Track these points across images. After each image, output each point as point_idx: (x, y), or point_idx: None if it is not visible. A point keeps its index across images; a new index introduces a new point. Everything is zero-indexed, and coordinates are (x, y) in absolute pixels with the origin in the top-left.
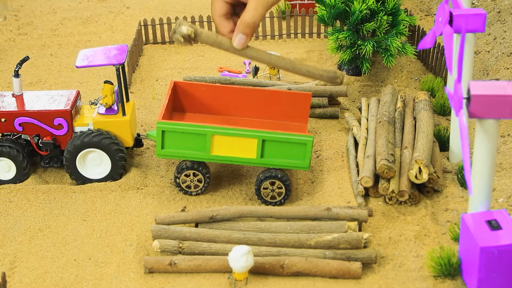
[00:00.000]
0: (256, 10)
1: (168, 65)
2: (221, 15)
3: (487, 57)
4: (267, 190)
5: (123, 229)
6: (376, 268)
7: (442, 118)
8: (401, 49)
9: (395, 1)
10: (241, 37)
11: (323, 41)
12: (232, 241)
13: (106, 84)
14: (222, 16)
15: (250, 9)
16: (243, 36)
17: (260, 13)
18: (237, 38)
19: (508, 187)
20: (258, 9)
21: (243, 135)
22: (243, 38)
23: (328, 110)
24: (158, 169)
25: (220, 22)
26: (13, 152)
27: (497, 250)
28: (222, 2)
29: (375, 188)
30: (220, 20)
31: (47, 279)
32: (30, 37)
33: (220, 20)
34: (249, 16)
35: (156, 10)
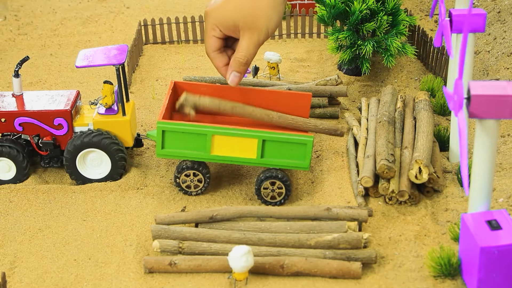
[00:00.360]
0: (248, 49)
1: (168, 65)
2: (214, 50)
3: (487, 57)
4: (267, 190)
5: (123, 229)
6: (376, 268)
7: (442, 118)
8: (401, 49)
9: (395, 1)
10: (235, 75)
11: (323, 41)
12: (232, 241)
13: (105, 84)
14: (215, 51)
15: (242, 49)
16: (237, 74)
17: (252, 52)
18: (231, 76)
19: (508, 187)
20: (250, 48)
21: (243, 135)
22: (237, 76)
23: (328, 110)
24: (158, 169)
25: (215, 57)
26: (13, 152)
27: (497, 250)
28: (214, 38)
29: (375, 188)
30: (214, 55)
31: (47, 279)
32: (30, 37)
33: (214, 55)
34: (242, 56)
35: (156, 10)
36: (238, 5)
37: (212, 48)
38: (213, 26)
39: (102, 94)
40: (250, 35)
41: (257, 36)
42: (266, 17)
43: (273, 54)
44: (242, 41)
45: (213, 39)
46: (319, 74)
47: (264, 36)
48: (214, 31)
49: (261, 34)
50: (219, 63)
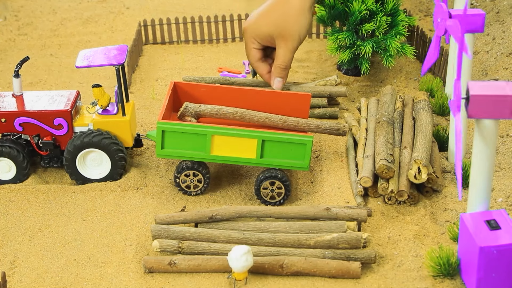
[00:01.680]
0: (285, 56)
1: (167, 66)
2: (257, 60)
3: (486, 57)
4: (266, 190)
5: (123, 229)
6: (376, 267)
7: (441, 118)
8: (400, 50)
9: (394, 2)
10: (278, 80)
11: (323, 41)
12: (231, 241)
13: (94, 88)
14: (258, 61)
15: (280, 56)
16: (280, 79)
17: (289, 57)
18: (275, 82)
19: (507, 187)
20: (286, 55)
21: (243, 135)
22: (280, 81)
23: (328, 110)
24: (158, 169)
25: (258, 66)
26: (13, 152)
27: (496, 250)
28: (255, 50)
29: (374, 188)
30: (257, 64)
31: (47, 278)
32: (30, 37)
33: (257, 65)
34: (281, 62)
35: (156, 11)
36: (271, 18)
37: (254, 58)
38: (252, 40)
39: (95, 98)
40: (285, 43)
41: (291, 43)
42: (297, 26)
43: None
44: (279, 50)
45: (253, 51)
46: (319, 74)
47: (297, 43)
48: (253, 44)
49: (295, 41)
50: (262, 71)
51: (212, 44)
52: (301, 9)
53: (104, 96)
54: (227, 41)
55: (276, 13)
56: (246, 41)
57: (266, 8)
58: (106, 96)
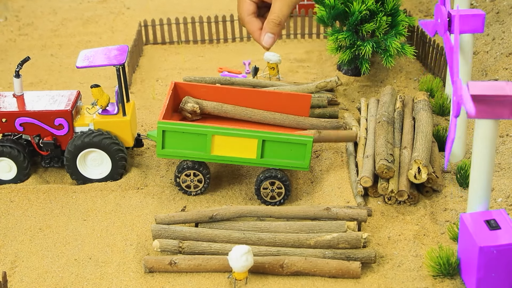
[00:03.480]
0: (281, 10)
1: (168, 66)
2: (249, 14)
3: (486, 57)
4: (267, 190)
5: (123, 229)
6: (376, 267)
7: (441, 118)
8: (400, 50)
9: (394, 2)
10: (269, 36)
11: (323, 41)
12: (232, 241)
13: (93, 88)
14: (250, 14)
15: (275, 9)
16: (271, 35)
17: (285, 12)
18: (265, 37)
19: (507, 187)
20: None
21: (243, 135)
22: (271, 37)
23: (328, 110)
24: (158, 169)
25: (249, 20)
26: (14, 152)
27: (496, 250)
28: (249, 2)
29: (374, 188)
30: (249, 18)
31: (48, 278)
32: (30, 37)
33: (249, 19)
34: (275, 16)
35: (156, 11)
36: None
37: (247, 11)
38: None
39: (94, 98)
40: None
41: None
42: None
43: (272, 55)
44: (275, 3)
45: (247, 3)
46: (319, 74)
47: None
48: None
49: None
50: (253, 27)
51: (213, 44)
52: None
53: (103, 96)
54: (227, 41)
55: None
56: None
57: None
58: (105, 96)
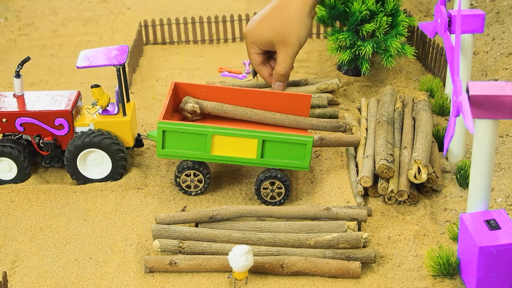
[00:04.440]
0: (285, 62)
1: (168, 66)
2: (259, 64)
3: (485, 57)
4: (267, 190)
5: (123, 229)
6: (376, 267)
7: (441, 118)
8: (400, 50)
9: (394, 2)
10: (279, 84)
11: (323, 41)
12: (232, 241)
13: (93, 88)
14: (259, 65)
15: (279, 62)
16: (280, 84)
17: (289, 63)
18: (276, 86)
19: (507, 187)
20: (286, 61)
21: (244, 135)
22: (281, 85)
23: (328, 110)
24: (159, 169)
25: (260, 70)
26: (14, 152)
27: (495, 250)
28: (255, 55)
29: (374, 188)
30: (259, 68)
31: (48, 278)
32: (31, 37)
33: (259, 68)
34: (280, 68)
35: (157, 11)
36: (270, 25)
37: (256, 63)
38: (252, 45)
39: (94, 99)
40: (284, 50)
41: (291, 49)
42: (296, 32)
43: None
44: (279, 56)
45: (255, 56)
46: (319, 74)
47: (297, 48)
48: (253, 49)
49: (294, 47)
50: (265, 74)
51: (213, 44)
52: (300, 15)
53: (103, 96)
54: (228, 41)
55: (275, 19)
56: (247, 46)
57: (265, 13)
58: (106, 96)
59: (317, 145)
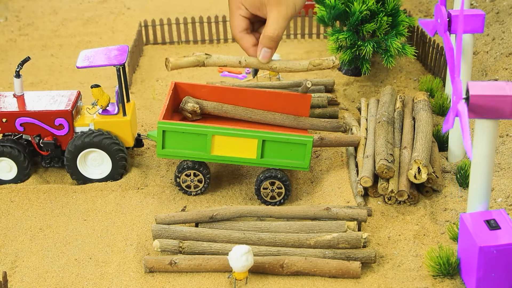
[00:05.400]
0: (277, 23)
1: None
2: (241, 30)
3: (485, 57)
4: (267, 190)
5: (123, 229)
6: (376, 267)
7: (441, 118)
8: (400, 50)
9: (395, 2)
10: (266, 50)
11: (323, 41)
12: (232, 241)
13: (93, 88)
14: (242, 31)
15: (271, 23)
16: (268, 50)
17: (282, 25)
18: (262, 52)
19: (507, 187)
20: (279, 22)
21: (244, 135)
22: (268, 51)
23: (328, 110)
24: (159, 169)
25: (242, 37)
26: (14, 152)
27: (495, 250)
28: (240, 17)
29: (374, 188)
30: (241, 35)
31: (48, 278)
32: (31, 37)
33: (241, 35)
34: (272, 30)
35: (157, 11)
36: None
37: (238, 28)
38: (239, 5)
39: (94, 99)
40: (278, 10)
41: (285, 10)
42: None
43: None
44: (271, 16)
45: (239, 19)
46: (319, 74)
47: (292, 10)
48: (239, 10)
49: (289, 8)
50: (246, 43)
51: (213, 44)
52: None
53: (103, 96)
54: (227, 41)
55: None
56: (231, 6)
57: None
58: (106, 96)
59: (317, 145)
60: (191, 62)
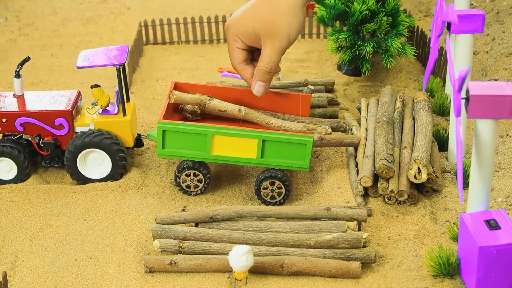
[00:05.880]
0: (270, 57)
1: (168, 66)
2: (240, 62)
3: (485, 57)
4: (267, 190)
5: (123, 229)
6: (376, 267)
7: (441, 118)
8: (401, 50)
9: (395, 2)
10: (260, 84)
11: (323, 41)
12: (232, 241)
13: (93, 88)
14: (242, 62)
15: (265, 57)
16: (262, 83)
17: (274, 60)
18: (256, 86)
19: (507, 187)
20: (272, 56)
21: (244, 135)
22: (262, 85)
23: (328, 110)
24: (159, 169)
25: (241, 69)
26: (14, 152)
27: (495, 250)
28: (238, 50)
29: (374, 188)
30: (240, 67)
31: (48, 278)
32: (31, 37)
33: (240, 67)
34: (265, 64)
35: (157, 11)
36: (257, 14)
37: (237, 60)
38: (235, 38)
39: (94, 98)
40: (272, 43)
41: (279, 43)
42: (286, 24)
43: None
44: (265, 50)
45: (236, 51)
46: (319, 74)
47: (286, 42)
48: (236, 43)
49: (283, 41)
50: (246, 74)
51: (213, 44)
52: (292, 6)
53: (103, 96)
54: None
55: (264, 8)
56: (229, 39)
57: (252, 3)
58: (106, 96)
59: (317, 145)
60: (194, 99)
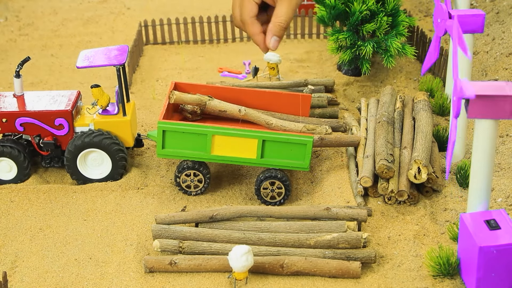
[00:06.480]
0: (287, 13)
1: (168, 66)
2: (252, 16)
3: (486, 57)
4: (267, 190)
5: (123, 229)
6: (376, 267)
7: (441, 118)
8: (401, 50)
9: (395, 2)
10: (276, 39)
11: (323, 41)
12: (232, 241)
13: (93, 88)
14: (253, 16)
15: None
16: (277, 38)
17: (290, 16)
18: (272, 41)
19: (507, 187)
20: (289, 12)
21: (244, 135)
22: (277, 40)
23: (328, 110)
24: (159, 169)
25: (252, 22)
26: (14, 152)
27: (495, 250)
28: (253, 3)
29: (374, 188)
30: (251, 20)
31: (48, 278)
32: (31, 37)
33: (252, 20)
34: (282, 20)
35: (157, 11)
36: None
37: (250, 13)
38: None
39: (94, 99)
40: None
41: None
42: None
43: (273, 55)
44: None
45: (252, 4)
46: (319, 74)
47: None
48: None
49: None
50: (255, 29)
51: (213, 44)
52: None
53: (103, 96)
54: (227, 41)
55: None
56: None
57: None
58: (106, 96)
59: (317, 145)
60: (194, 99)
